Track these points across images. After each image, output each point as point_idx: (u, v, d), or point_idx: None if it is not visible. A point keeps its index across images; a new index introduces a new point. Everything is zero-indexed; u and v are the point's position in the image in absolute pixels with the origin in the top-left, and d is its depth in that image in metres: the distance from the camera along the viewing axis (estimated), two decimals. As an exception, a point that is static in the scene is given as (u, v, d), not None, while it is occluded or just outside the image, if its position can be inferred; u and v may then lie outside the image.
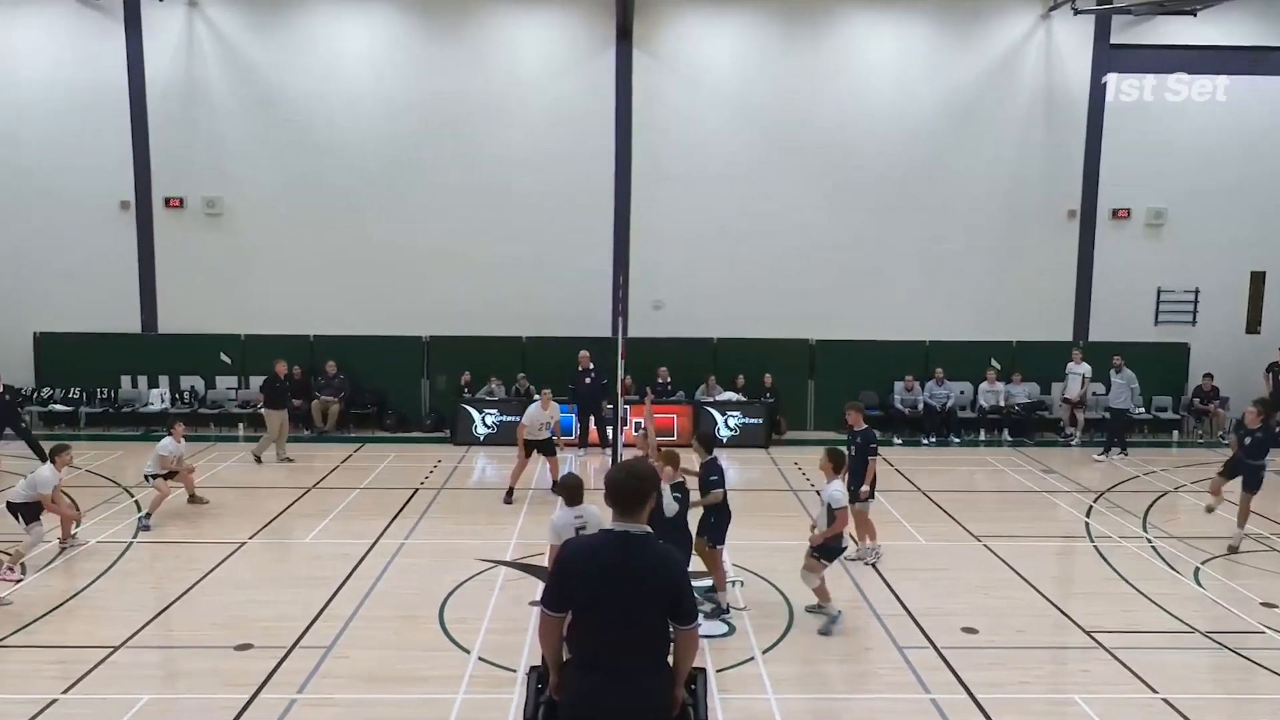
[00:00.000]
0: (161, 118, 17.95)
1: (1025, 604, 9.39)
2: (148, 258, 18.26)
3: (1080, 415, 17.72)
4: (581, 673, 4.14)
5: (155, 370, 18.33)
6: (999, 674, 7.76)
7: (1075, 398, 17.57)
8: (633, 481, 4.18)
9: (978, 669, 7.81)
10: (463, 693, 7.30)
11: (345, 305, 18.27)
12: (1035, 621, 8.94)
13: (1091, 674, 7.85)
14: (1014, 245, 18.70)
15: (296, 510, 12.56)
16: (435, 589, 9.50)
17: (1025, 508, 13.27)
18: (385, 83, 18.05)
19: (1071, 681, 7.83)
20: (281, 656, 7.87)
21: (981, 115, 18.44)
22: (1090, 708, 7.13)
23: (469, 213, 18.19)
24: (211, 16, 17.84)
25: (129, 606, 8.97)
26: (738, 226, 18.36)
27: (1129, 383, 16.43)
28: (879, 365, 18.42)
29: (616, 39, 17.92)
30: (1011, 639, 8.46)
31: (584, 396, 16.61)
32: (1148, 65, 18.35)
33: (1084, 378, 17.44)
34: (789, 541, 11.35)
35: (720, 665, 7.78)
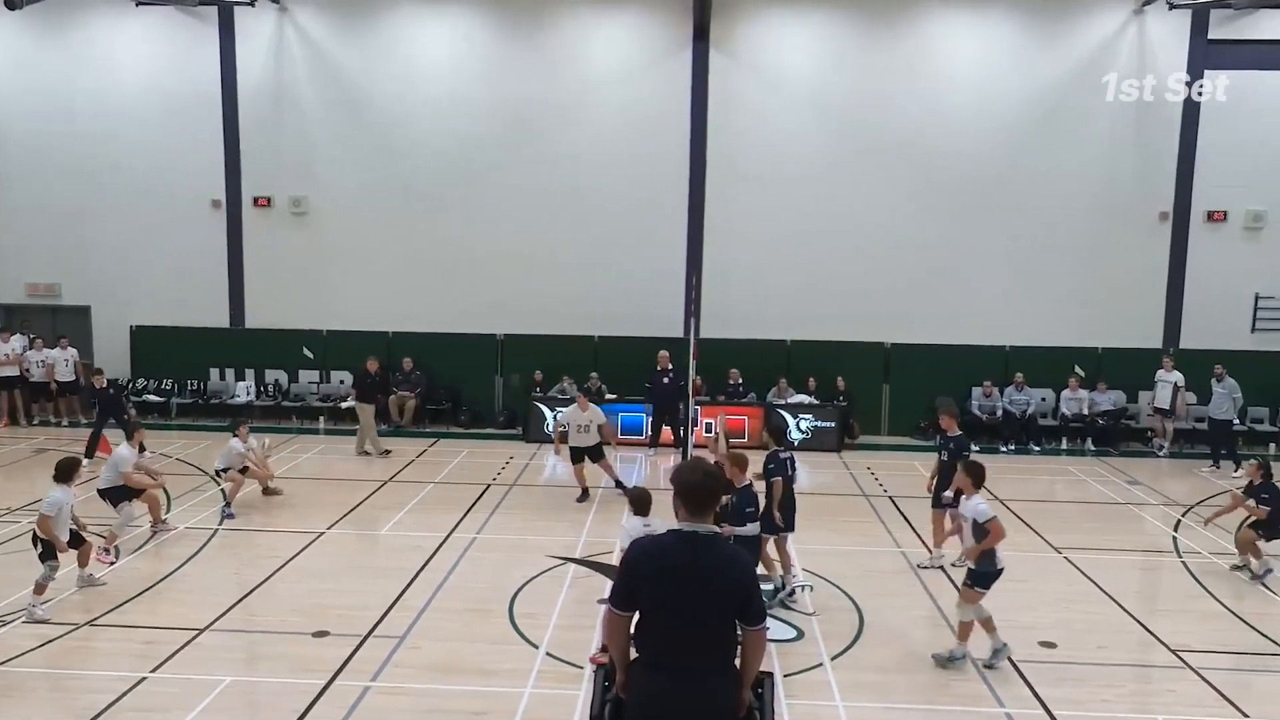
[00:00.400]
0: (251, 119, 18.59)
1: (1107, 619, 9.07)
2: (236, 255, 18.92)
3: (1169, 425, 17.03)
4: (648, 672, 4.14)
5: (242, 364, 18.97)
6: (1078, 691, 7.52)
7: (1165, 407, 16.88)
8: (705, 480, 4.17)
9: (1056, 685, 7.58)
10: (530, 687, 7.38)
11: (422, 303, 18.64)
12: (1118, 638, 8.63)
13: (1177, 694, 7.55)
14: (1101, 248, 18.09)
15: (373, 502, 12.87)
16: (505, 584, 9.62)
17: (1108, 520, 12.82)
18: (464, 85, 18.36)
19: (1156, 702, 7.53)
20: (356, 644, 8.07)
21: (1069, 114, 17.88)
22: (1175, 729, 6.86)
23: (544, 213, 18.39)
24: (300, 21, 18.40)
25: (213, 591, 9.31)
26: (813, 227, 18.16)
27: (1231, 392, 15.73)
28: (956, 370, 18.01)
29: (693, 39, 17.90)
30: (1092, 655, 8.19)
31: (661, 396, 16.57)
32: (1248, 61, 17.53)
33: (1175, 386, 16.74)
34: (859, 547, 11.22)
35: (788, 670, 7.70)
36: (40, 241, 18.90)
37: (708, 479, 4.19)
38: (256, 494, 12.95)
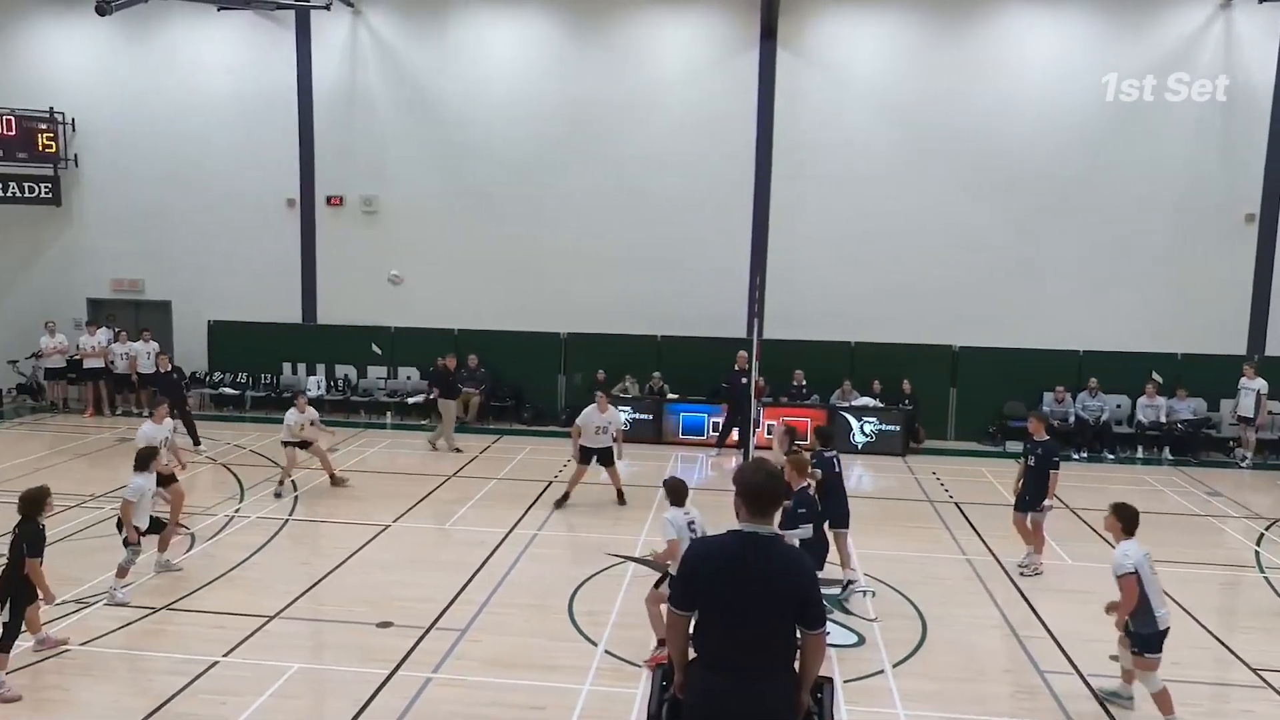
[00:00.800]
0: (325, 121, 19.04)
1: (1183, 635, 8.72)
2: (309, 253, 19.40)
3: (1252, 435, 16.37)
4: (706, 673, 4.13)
5: (313, 358, 19.45)
6: (1151, 708, 7.26)
7: (1249, 416, 16.22)
8: (768, 481, 4.15)
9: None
10: (589, 684, 7.42)
11: (488, 301, 18.87)
12: (1194, 654, 8.33)
13: (1256, 715, 7.26)
14: (1182, 250, 17.47)
15: (437, 497, 13.08)
16: (565, 581, 9.70)
17: (1186, 532, 12.37)
18: (531, 85, 18.54)
19: (1234, 722, 7.26)
20: (419, 636, 8.22)
21: (1148, 113, 17.31)
22: (1254, 751, 6.60)
23: (608, 212, 18.47)
24: (373, 24, 18.78)
25: (283, 580, 9.56)
26: (879, 227, 17.91)
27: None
28: (1027, 374, 17.57)
29: (760, 38, 17.79)
30: (1166, 671, 7.87)
31: (737, 397, 16.37)
32: (1343, 56, 16.78)
33: (1258, 394, 16.07)
34: (923, 553, 11.03)
35: (848, 676, 7.61)
36: (125, 239, 19.64)
37: (770, 480, 4.16)
38: (323, 487, 13.27)
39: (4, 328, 19.62)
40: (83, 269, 19.78)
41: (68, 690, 7.17)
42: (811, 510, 8.65)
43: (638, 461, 15.67)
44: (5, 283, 19.93)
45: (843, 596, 9.27)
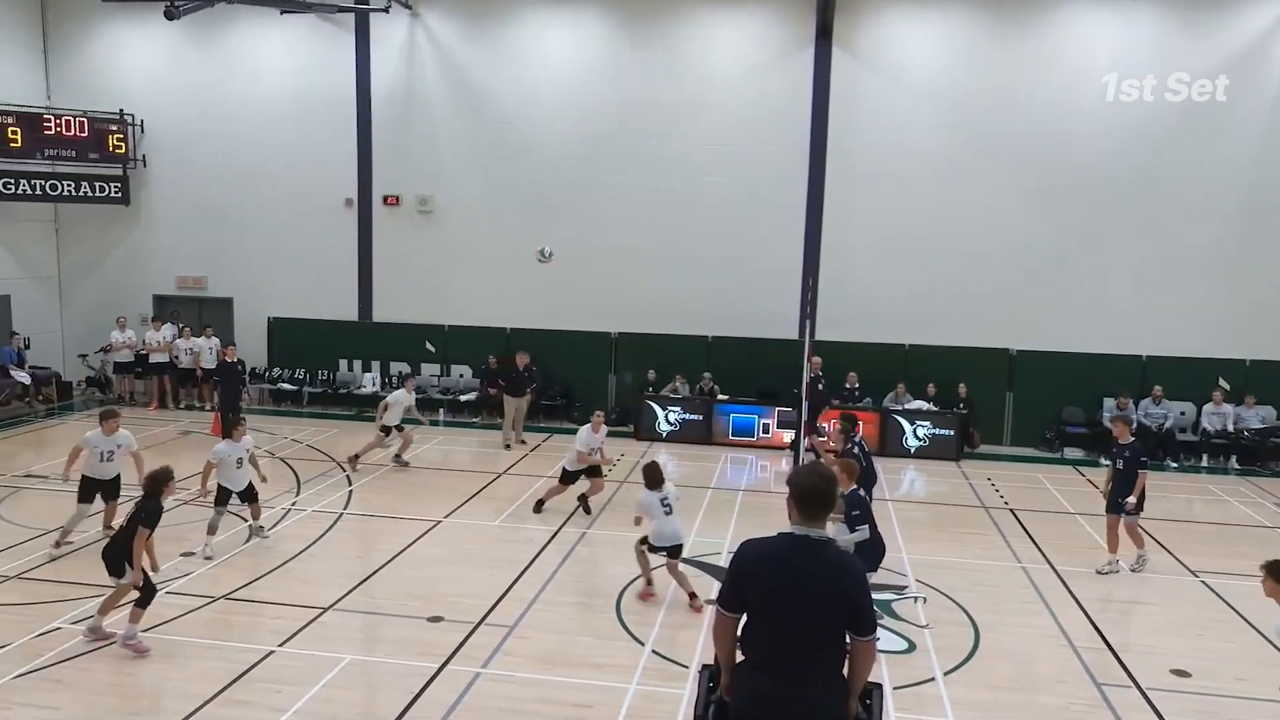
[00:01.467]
0: (383, 121, 19.34)
1: (1249, 650, 8.49)
2: (366, 252, 19.73)
3: None
4: (754, 675, 4.11)
5: (369, 356, 19.78)
6: (1213, 725, 7.07)
7: None
8: (820, 484, 4.12)
9: (1189, 715, 7.16)
10: (636, 683, 7.43)
11: (539, 300, 18.99)
12: (1261, 671, 8.05)
13: (1327, 735, 7.00)
14: (1251, 252, 16.90)
15: (488, 494, 13.20)
16: (613, 580, 9.73)
17: (1254, 544, 11.96)
18: (585, 86, 18.62)
19: (1302, 741, 7.02)
20: (469, 631, 8.31)
21: (1215, 109, 16.77)
22: (1324, 773, 6.36)
23: (661, 212, 18.46)
24: (431, 26, 19.03)
25: (338, 573, 9.74)
26: (936, 228, 17.63)
27: None
28: (1087, 379, 17.17)
29: (815, 37, 17.64)
30: (1230, 687, 7.69)
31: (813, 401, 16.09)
32: None
33: None
34: (977, 560, 10.86)
35: (898, 682, 7.52)
36: (189, 237, 20.16)
37: (823, 482, 4.12)
38: (382, 481, 13.49)
39: (75, 322, 20.31)
40: (149, 266, 20.35)
41: (127, 675, 7.39)
42: (865, 512, 8.56)
43: (688, 462, 15.68)
44: (76, 279, 20.61)
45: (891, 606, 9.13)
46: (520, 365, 16.90)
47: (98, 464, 10.23)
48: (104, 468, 10.27)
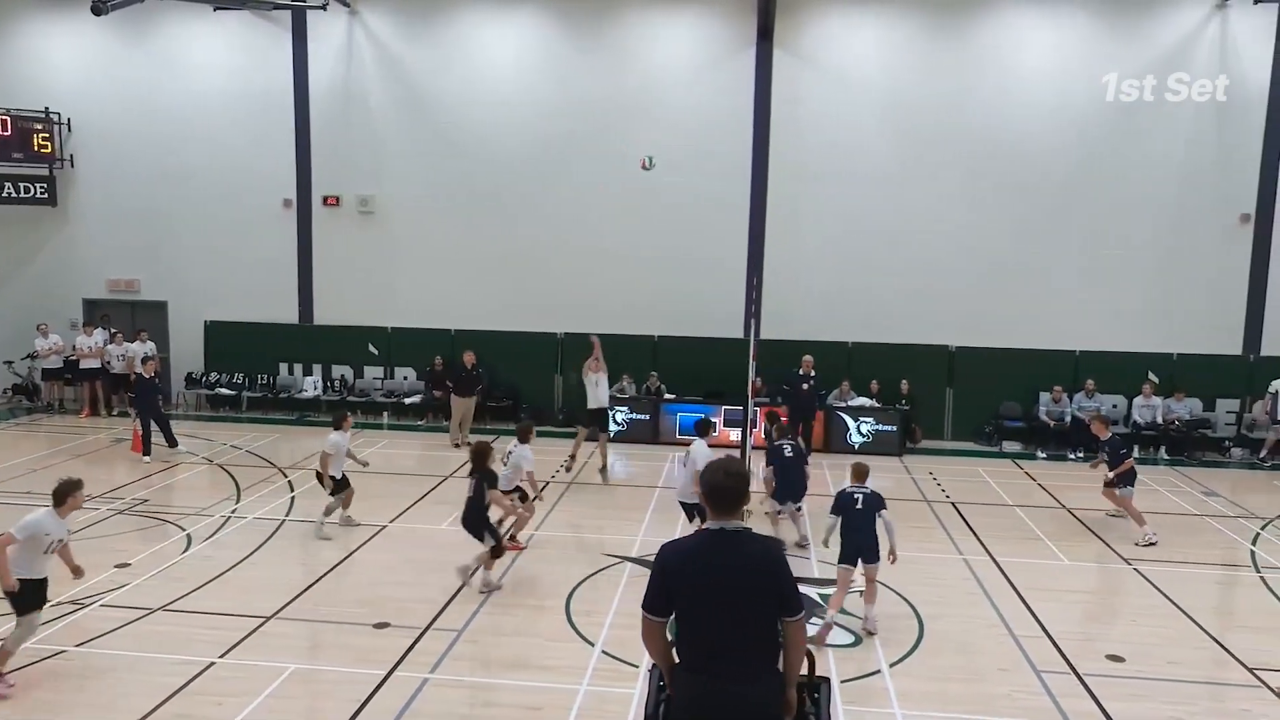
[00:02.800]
0: (322, 120, 19.02)
1: (1179, 634, 8.78)
2: (306, 253, 19.37)
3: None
4: (691, 677, 4.09)
5: (310, 359, 19.44)
6: (1147, 707, 7.29)
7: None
8: (727, 480, 4.12)
9: (1123, 700, 7.36)
10: (586, 684, 7.42)
11: (485, 301, 18.86)
12: (1191, 653, 8.35)
13: (1253, 714, 7.27)
14: (1179, 251, 17.49)
15: (435, 497, 13.07)
16: (562, 581, 9.69)
17: (1182, 532, 12.38)
18: (527, 85, 18.53)
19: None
20: (416, 637, 8.21)
21: (1145, 112, 17.32)
22: (1251, 751, 6.61)
23: (605, 212, 18.46)
24: (369, 24, 18.76)
25: (280, 580, 9.55)
26: (877, 228, 17.92)
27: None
28: (1024, 374, 17.61)
29: (757, 39, 17.80)
30: (1162, 670, 7.94)
31: (799, 403, 16.03)
32: (1339, 57, 16.81)
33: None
34: (919, 554, 11.03)
35: (845, 676, 7.61)
36: (121, 238, 19.60)
37: (730, 479, 4.12)
38: (320, 488, 13.26)
39: (1, 327, 19.60)
40: (78, 269, 19.73)
41: (61, 693, 7.15)
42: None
43: (636, 462, 15.71)
44: (1, 283, 19.88)
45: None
46: (468, 364, 16.78)
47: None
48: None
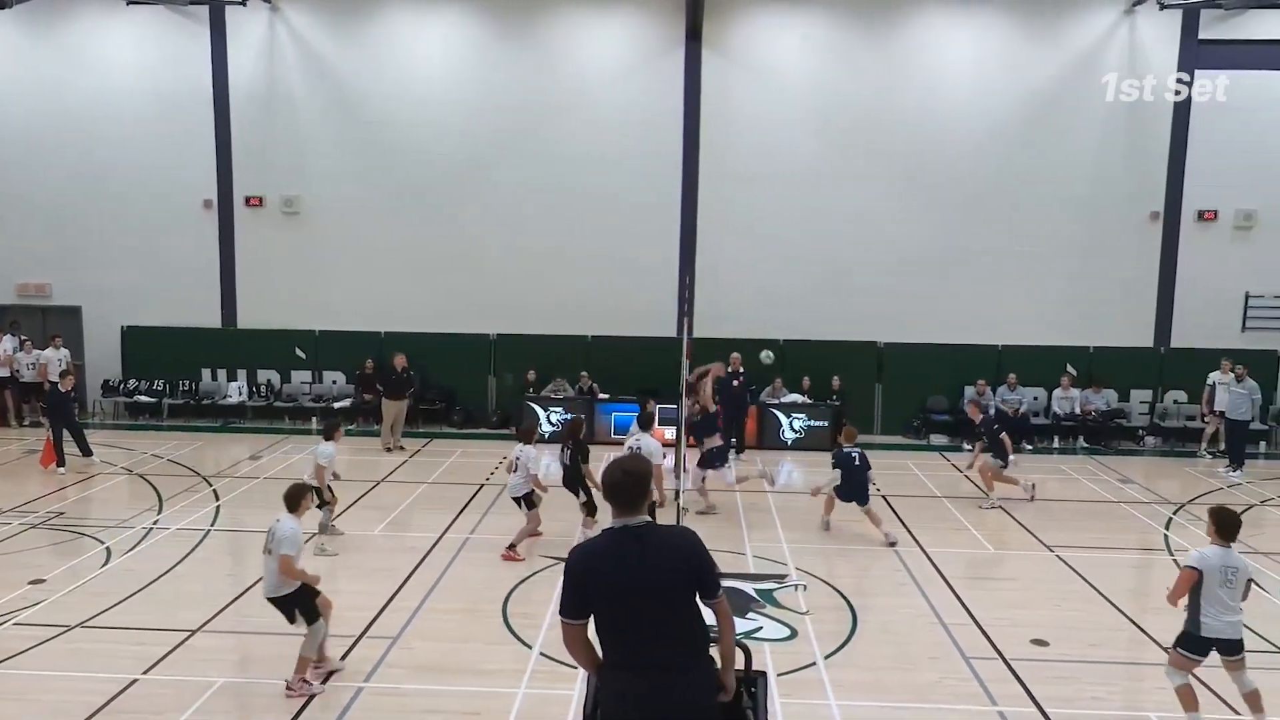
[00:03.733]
0: (243, 119, 18.53)
1: (1099, 617, 9.11)
2: (229, 255, 18.86)
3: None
4: (617, 674, 4.07)
5: (234, 364, 18.93)
6: (1070, 689, 7.55)
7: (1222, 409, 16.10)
8: (625, 479, 4.11)
9: (1048, 683, 7.60)
10: (524, 687, 7.37)
11: (416, 303, 18.61)
12: (1110, 636, 8.67)
13: (1169, 692, 7.55)
14: (1093, 247, 18.15)
15: (366, 503, 12.83)
16: (499, 584, 9.62)
17: (1100, 518, 12.86)
18: (458, 83, 18.34)
19: (1148, 700, 7.56)
20: (350, 645, 8.06)
21: (1060, 114, 17.94)
22: (1167, 727, 6.89)
23: (537, 212, 18.38)
24: (292, 20, 18.35)
25: (207, 592, 9.27)
26: (807, 226, 18.19)
27: (1251, 394, 15.46)
28: (950, 369, 18.07)
29: (686, 39, 17.91)
30: (1084, 653, 8.22)
31: (730, 400, 15.96)
32: (1237, 61, 17.62)
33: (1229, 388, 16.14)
34: (851, 546, 11.25)
35: (781, 669, 7.71)
36: (31, 241, 18.82)
37: (627, 477, 4.11)
38: (253, 495, 12.93)
39: (-101, 336, 18.62)
40: (-15, 274, 18.90)
41: (-25, 715, 6.85)
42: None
43: (570, 462, 15.64)
44: (-101, 289, 18.94)
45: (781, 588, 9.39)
46: (399, 367, 16.54)
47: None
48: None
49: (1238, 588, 6.62)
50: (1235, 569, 6.59)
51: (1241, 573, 6.62)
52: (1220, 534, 6.66)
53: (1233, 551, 6.66)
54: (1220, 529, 6.66)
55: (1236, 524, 6.68)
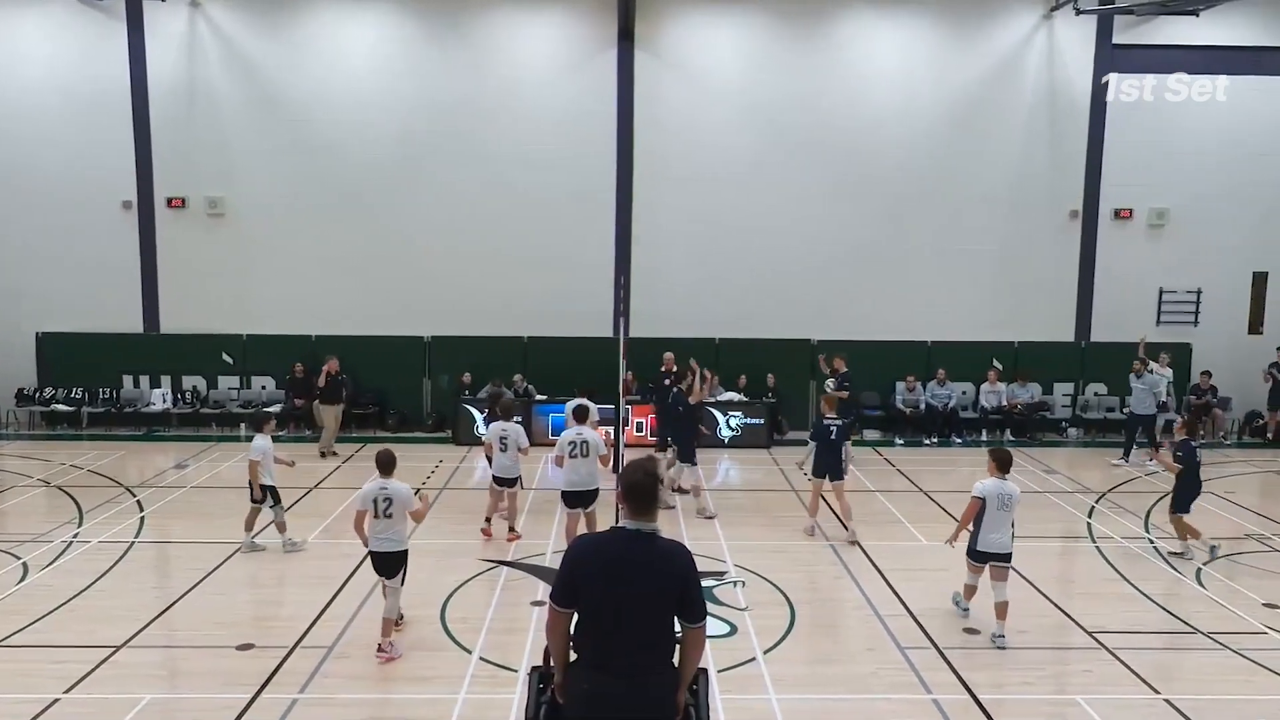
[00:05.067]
0: (164, 118, 17.97)
1: (1027, 605, 9.37)
2: (150, 257, 18.27)
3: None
4: (588, 672, 4.13)
5: (157, 370, 18.35)
6: (1001, 674, 7.76)
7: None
8: (645, 480, 4.17)
9: (980, 669, 7.81)
10: (464, 693, 7.30)
11: (347, 305, 18.28)
12: (1037, 622, 8.93)
13: (1094, 674, 7.84)
14: (1017, 246, 18.68)
15: (298, 511, 12.54)
16: (437, 589, 9.50)
17: (1027, 509, 13.05)
18: (388, 82, 18.06)
19: (1074, 682, 7.82)
20: (283, 656, 7.88)
21: (985, 115, 18.42)
22: (1093, 709, 7.12)
23: (471, 212, 18.20)
24: (214, 16, 17.85)
25: (131, 606, 8.97)
26: (741, 225, 18.35)
27: (1152, 387, 15.90)
28: (881, 365, 18.41)
29: (618, 39, 17.92)
30: (1013, 639, 8.45)
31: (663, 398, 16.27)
32: (1150, 65, 18.32)
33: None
34: (790, 542, 11.38)
35: (721, 665, 7.77)
36: (-64, 245, 17.98)
37: (648, 479, 4.19)
38: (179, 505, 12.56)
39: None
40: (-115, 279, 18.00)
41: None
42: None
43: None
44: None
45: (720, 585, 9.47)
46: (332, 371, 16.23)
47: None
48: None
49: (1010, 510, 8.37)
50: (1010, 495, 8.36)
51: (1014, 499, 8.39)
52: (998, 468, 8.43)
53: (1007, 482, 8.40)
54: (999, 464, 8.43)
55: (1010, 459, 8.55)
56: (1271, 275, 18.83)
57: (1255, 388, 18.22)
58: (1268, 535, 11.84)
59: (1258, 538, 11.71)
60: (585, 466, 10.14)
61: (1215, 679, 7.80)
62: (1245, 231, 18.63)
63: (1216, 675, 7.87)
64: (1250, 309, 18.96)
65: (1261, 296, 18.90)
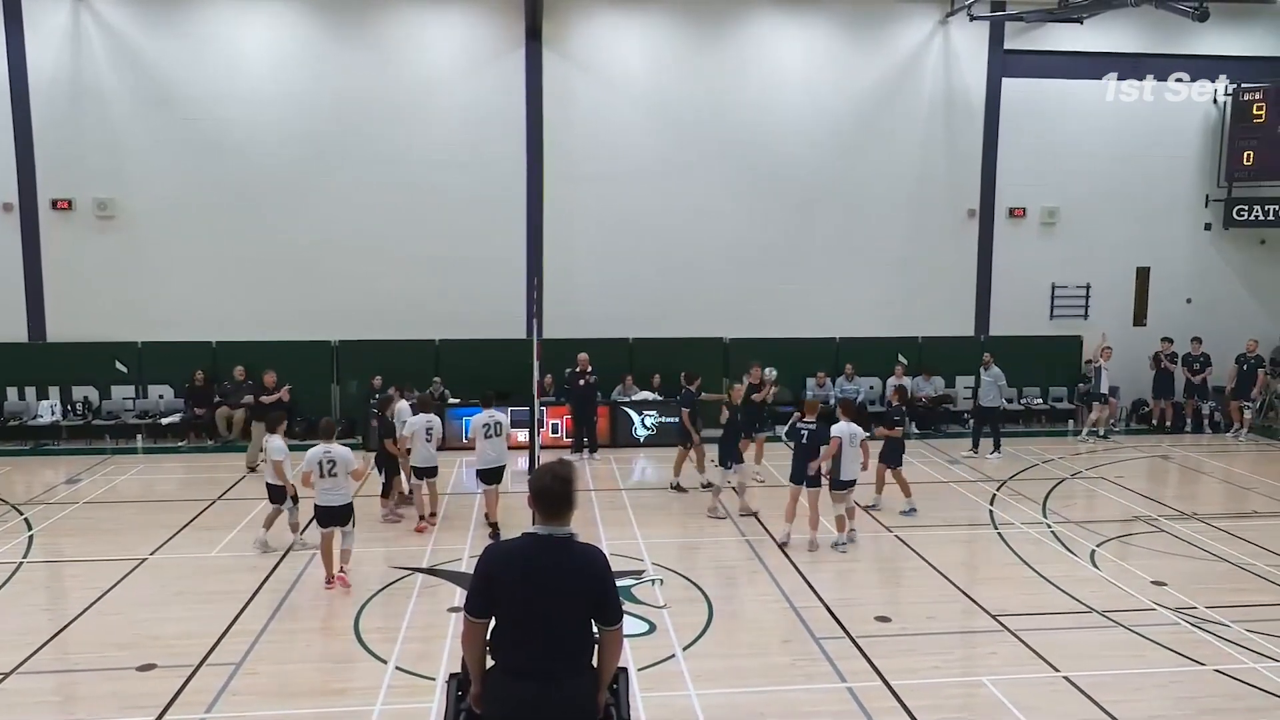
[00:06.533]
0: (47, 116, 17.08)
1: (935, 591, 9.69)
2: (34, 263, 17.34)
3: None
4: (507, 679, 4.09)
5: (45, 381, 17.41)
6: (912, 660, 7.99)
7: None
8: (554, 484, 4.14)
9: (891, 656, 8.03)
10: (380, 703, 7.16)
11: (250, 310, 17.68)
12: (945, 608, 9.23)
13: (999, 656, 8.15)
14: (918, 244, 19.26)
15: (201, 523, 12.12)
16: (350, 599, 9.29)
17: (933, 498, 13.64)
18: (288, 80, 17.54)
19: (981, 664, 8.11)
20: (188, 676, 7.59)
21: (885, 117, 18.94)
22: (998, 689, 7.40)
23: (377, 214, 17.83)
24: (100, 10, 17.05)
25: (21, 630, 8.51)
26: (652, 225, 18.44)
27: (996, 380, 16.41)
28: (791, 362, 18.64)
29: (526, 39, 17.81)
30: (923, 625, 8.72)
31: (579, 400, 16.32)
32: (1039, 70, 19.13)
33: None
34: (706, 538, 11.51)
35: (641, 664, 7.80)
36: None
37: (558, 483, 4.14)
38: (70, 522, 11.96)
39: None
40: None
41: None
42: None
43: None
44: None
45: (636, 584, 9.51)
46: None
47: None
48: None
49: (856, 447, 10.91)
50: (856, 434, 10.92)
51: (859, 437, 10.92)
52: (846, 414, 11.04)
53: (852, 424, 10.92)
54: (847, 411, 11.14)
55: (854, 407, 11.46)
56: (1153, 270, 19.88)
57: (1142, 377, 19.19)
58: (1154, 517, 12.49)
59: (1146, 519, 12.34)
60: (496, 446, 11.47)
61: (1110, 655, 8.19)
62: (1129, 229, 19.62)
63: (1111, 652, 8.27)
64: (1135, 302, 19.99)
65: (1145, 290, 19.95)
